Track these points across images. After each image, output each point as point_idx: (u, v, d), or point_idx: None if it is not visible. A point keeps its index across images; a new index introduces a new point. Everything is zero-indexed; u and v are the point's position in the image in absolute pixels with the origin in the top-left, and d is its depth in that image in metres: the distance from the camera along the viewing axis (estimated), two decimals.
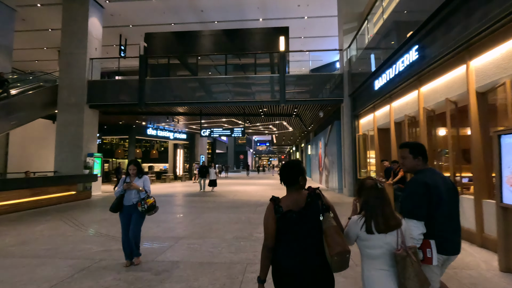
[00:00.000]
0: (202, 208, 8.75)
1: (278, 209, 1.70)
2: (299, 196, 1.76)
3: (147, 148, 25.52)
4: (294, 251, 1.65)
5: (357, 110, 11.21)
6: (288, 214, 1.68)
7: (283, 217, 1.68)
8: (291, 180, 1.79)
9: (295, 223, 1.67)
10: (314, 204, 1.70)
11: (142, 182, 4.14)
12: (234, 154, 53.88)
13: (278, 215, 1.69)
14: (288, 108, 13.63)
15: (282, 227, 1.69)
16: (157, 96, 13.10)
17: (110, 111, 14.40)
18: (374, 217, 1.67)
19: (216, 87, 13.25)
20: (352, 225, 1.78)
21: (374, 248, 1.67)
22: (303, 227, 1.67)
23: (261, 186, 16.79)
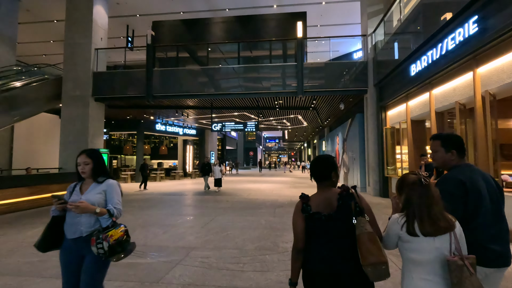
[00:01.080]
0: (214, 209, 7.89)
1: (306, 208, 1.60)
2: (330, 194, 1.62)
3: (156, 144, 24.93)
4: (322, 255, 1.55)
5: (385, 100, 10.11)
6: (316, 216, 1.57)
7: (311, 217, 1.58)
8: (323, 176, 1.67)
9: (323, 225, 1.56)
10: (346, 206, 1.55)
11: (101, 194, 2.17)
12: (243, 150, 53.06)
13: (305, 215, 1.59)
14: (305, 100, 12.61)
15: (310, 228, 1.58)
16: (166, 88, 12.28)
17: (116, 104, 13.69)
18: (418, 218, 1.44)
19: (228, 78, 12.34)
20: (392, 225, 1.55)
21: (419, 253, 1.44)
22: (333, 230, 1.55)
23: (275, 184, 15.86)
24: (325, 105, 13.61)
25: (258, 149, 58.80)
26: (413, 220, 1.45)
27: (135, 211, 7.73)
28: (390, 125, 10.16)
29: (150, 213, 7.43)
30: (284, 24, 13.44)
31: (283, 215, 6.96)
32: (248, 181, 18.49)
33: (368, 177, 11.38)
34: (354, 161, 13.10)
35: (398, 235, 1.50)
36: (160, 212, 7.56)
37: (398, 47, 8.64)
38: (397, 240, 1.52)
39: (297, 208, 1.64)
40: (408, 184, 1.53)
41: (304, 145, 44.74)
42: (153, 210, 7.89)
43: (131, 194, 11.57)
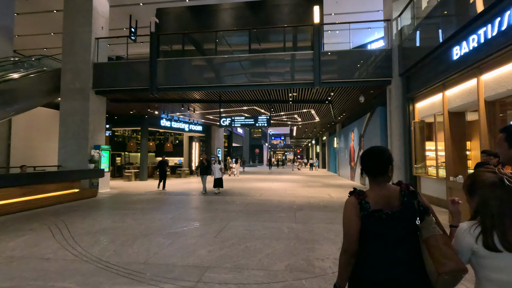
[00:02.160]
0: (225, 213, 7.00)
1: (365, 206, 1.37)
2: (389, 191, 1.41)
3: (161, 141, 24.16)
4: (381, 261, 1.33)
5: (413, 91, 9.08)
6: (376, 214, 1.35)
7: (370, 216, 1.36)
8: (379, 170, 1.44)
9: (384, 225, 1.34)
10: (410, 205, 1.35)
11: None
12: (249, 148, 52.26)
13: (364, 213, 1.36)
14: (322, 92, 11.62)
15: (367, 229, 1.37)
16: (171, 80, 11.40)
17: (118, 98, 12.85)
18: (498, 228, 1.14)
19: (238, 69, 11.40)
20: (462, 236, 1.24)
21: (501, 272, 1.14)
22: (395, 232, 1.34)
23: (286, 183, 14.93)
24: (343, 98, 12.59)
25: (264, 146, 57.92)
26: (491, 231, 1.16)
27: (137, 214, 6.88)
28: (419, 119, 9.13)
29: (154, 217, 6.57)
30: (298, 10, 12.43)
31: (307, 221, 6.03)
32: (257, 179, 17.60)
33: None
34: None
35: (471, 249, 1.22)
36: (165, 216, 6.69)
37: (433, 30, 7.60)
38: (470, 255, 1.24)
39: (351, 205, 1.43)
40: (484, 185, 1.23)
41: (312, 142, 43.67)
42: (158, 213, 7.03)
43: (136, 194, 10.75)
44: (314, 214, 6.74)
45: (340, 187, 12.85)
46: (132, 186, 13.63)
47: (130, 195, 10.52)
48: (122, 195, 10.56)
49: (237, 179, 17.92)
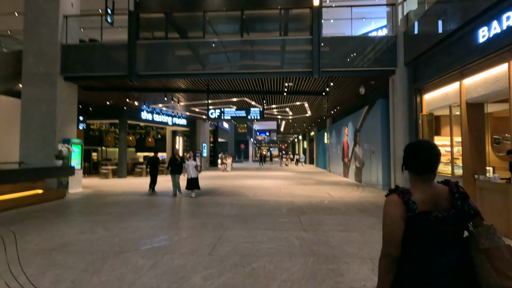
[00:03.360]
0: (218, 218, 5.96)
1: (412, 206, 1.19)
2: (436, 191, 1.25)
3: (142, 136, 22.58)
4: (427, 268, 1.17)
5: (421, 81, 8.35)
6: (424, 216, 1.18)
7: (417, 218, 1.18)
8: (429, 167, 1.25)
9: (431, 229, 1.18)
10: (462, 208, 1.20)
11: None
12: (234, 143, 51.16)
13: (410, 214, 1.19)
14: (320, 83, 10.72)
15: (412, 233, 1.20)
16: (152, 66, 10.12)
17: (92, 85, 11.38)
18: None
19: (229, 55, 10.28)
20: None
21: None
22: (443, 237, 1.18)
23: (278, 181, 14.02)
24: (341, 90, 11.76)
25: (250, 142, 56.96)
26: None
27: (111, 221, 5.70)
28: (428, 111, 8.43)
29: (132, 224, 5.42)
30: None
31: (316, 228, 5.11)
32: (246, 176, 16.59)
33: (394, 174, 9.69)
34: (373, 155, 11.40)
35: None
36: (145, 223, 5.56)
37: (451, 12, 6.83)
38: None
39: (394, 205, 1.22)
40: None
41: (298, 137, 43.13)
42: (136, 219, 5.88)
43: (112, 195, 9.45)
44: (322, 219, 5.83)
45: (336, 185, 12.09)
46: (109, 185, 12.25)
47: (105, 195, 9.22)
48: (96, 196, 9.24)
49: (226, 175, 16.83)
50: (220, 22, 12.02)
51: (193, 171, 8.92)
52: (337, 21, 14.75)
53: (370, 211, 6.65)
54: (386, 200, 1.28)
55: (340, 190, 10.41)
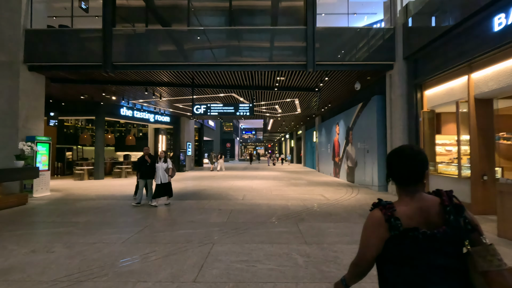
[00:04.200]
0: (205, 228, 5.16)
1: (395, 224, 1.05)
2: (425, 204, 1.09)
3: (122, 133, 21.28)
4: None
5: (422, 77, 7.86)
6: (411, 233, 1.03)
7: (402, 237, 1.04)
8: (412, 177, 1.12)
9: (420, 249, 1.03)
10: (457, 223, 1.04)
11: None
12: (220, 142, 50.18)
13: (394, 233, 1.05)
14: (314, 77, 10.07)
15: (398, 253, 1.05)
16: (130, 55, 9.13)
17: (62, 77, 10.21)
18: None
19: (215, 46, 9.44)
20: None
21: None
22: (433, 258, 1.02)
23: (267, 181, 13.32)
24: (335, 86, 11.17)
25: (236, 141, 56.07)
26: None
27: (75, 234, 4.77)
28: (429, 108, 7.96)
29: (101, 238, 4.53)
30: None
31: (320, 240, 4.41)
32: (233, 176, 15.78)
33: None
34: (367, 154, 10.90)
35: None
36: (117, 236, 4.67)
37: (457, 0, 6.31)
38: None
39: (373, 224, 1.09)
40: None
41: (285, 136, 42.69)
42: (107, 231, 4.98)
43: (84, 199, 8.41)
44: (323, 227, 5.15)
45: (329, 185, 11.52)
46: (83, 187, 11.12)
47: (75, 200, 8.17)
48: (65, 200, 8.18)
49: (213, 176, 15.94)
50: (206, 14, 11.14)
51: (164, 176, 7.40)
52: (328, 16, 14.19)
53: None
54: (368, 215, 1.15)
55: (334, 191, 9.81)
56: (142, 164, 7.54)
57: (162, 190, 7.39)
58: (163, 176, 7.41)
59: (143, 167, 7.50)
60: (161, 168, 7.44)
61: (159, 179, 7.37)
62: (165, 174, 7.43)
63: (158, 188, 7.36)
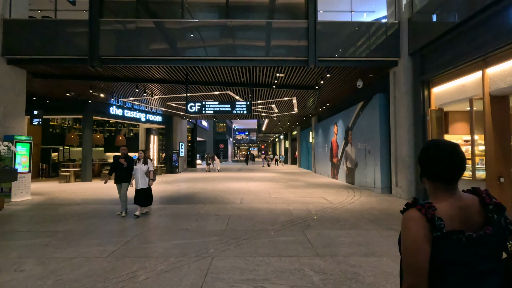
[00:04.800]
0: (201, 237, 4.61)
1: (438, 224, 0.93)
2: (464, 203, 1.00)
3: (112, 133, 20.44)
4: None
5: (431, 73, 7.47)
6: (455, 236, 0.93)
7: (445, 239, 0.93)
8: (454, 174, 1.01)
9: (466, 254, 0.92)
10: (498, 223, 0.96)
11: None
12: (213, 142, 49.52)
13: (437, 234, 0.93)
14: (314, 74, 9.61)
15: (440, 260, 0.93)
16: (119, 48, 8.51)
17: (45, 71, 9.50)
18: None
19: (211, 39, 8.90)
20: None
21: None
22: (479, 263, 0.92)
23: (264, 183, 12.81)
24: (336, 83, 10.75)
25: (229, 141, 55.46)
26: None
27: (52, 246, 4.16)
28: (437, 106, 7.58)
29: (82, 252, 3.93)
30: None
31: (333, 251, 3.91)
32: (229, 178, 15.21)
33: (395, 176, 8.80)
34: (369, 155, 10.49)
35: None
36: (102, 248, 4.08)
37: None
38: None
39: (416, 224, 0.95)
40: None
41: (280, 137, 42.30)
42: (90, 242, 4.38)
43: (67, 204, 7.73)
44: (333, 235, 4.66)
45: (328, 187, 11.07)
46: (68, 191, 10.39)
47: (58, 205, 7.49)
48: (47, 206, 7.49)
49: (208, 177, 15.33)
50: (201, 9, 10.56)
51: (143, 180, 6.33)
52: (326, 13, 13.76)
53: (384, 222, 5.59)
54: (405, 217, 0.99)
55: (336, 194, 9.36)
56: (117, 166, 6.45)
57: (143, 196, 6.29)
58: (142, 180, 6.32)
59: (117, 169, 6.43)
60: (140, 170, 6.34)
61: (138, 184, 6.32)
62: (145, 179, 6.36)
63: (139, 194, 6.30)
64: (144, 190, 6.35)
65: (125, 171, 6.40)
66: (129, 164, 6.43)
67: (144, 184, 6.34)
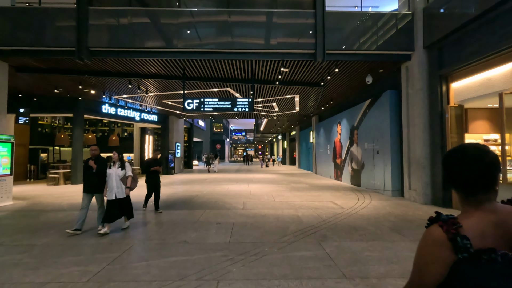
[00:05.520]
0: (202, 254, 3.94)
1: (462, 244, 0.81)
2: (499, 215, 0.85)
3: (105, 133, 19.65)
4: None
5: (451, 66, 6.88)
6: (485, 256, 0.79)
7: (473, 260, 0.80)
8: (481, 181, 0.87)
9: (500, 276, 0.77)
10: None
11: None
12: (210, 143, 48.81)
13: (462, 256, 0.80)
14: (321, 69, 8.99)
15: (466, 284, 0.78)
16: (110, 39, 7.80)
17: (29, 65, 8.73)
18: None
19: (211, 30, 8.23)
20: None
21: None
22: None
23: (265, 185, 12.15)
24: (341, 80, 10.13)
25: (226, 142, 54.77)
26: None
27: (23, 265, 3.45)
28: (456, 103, 7.00)
29: (56, 274, 3.24)
30: None
31: (362, 270, 3.26)
32: (227, 180, 14.52)
33: (408, 178, 8.20)
34: (377, 156, 9.90)
35: None
36: (83, 268, 3.39)
37: None
38: None
39: (434, 244, 0.85)
40: None
41: (277, 137, 41.69)
42: (70, 258, 3.68)
43: (52, 210, 6.98)
44: (355, 248, 4.02)
45: (334, 190, 10.45)
46: (56, 194, 9.63)
47: (41, 212, 6.75)
48: (28, 212, 6.74)
49: (206, 179, 14.62)
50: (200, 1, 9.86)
51: (119, 188, 5.00)
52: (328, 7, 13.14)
53: (407, 230, 4.96)
54: (425, 234, 0.90)
55: (344, 197, 8.74)
56: (86, 171, 5.10)
57: (117, 209, 4.99)
58: (118, 188, 5.00)
59: (86, 175, 5.09)
60: (115, 176, 5.00)
61: (112, 192, 4.97)
62: (121, 186, 5.04)
63: (111, 206, 4.92)
64: (121, 201, 5.03)
65: (97, 177, 5.03)
66: (100, 168, 5.04)
67: (120, 193, 5.02)
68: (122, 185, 5.07)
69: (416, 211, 6.60)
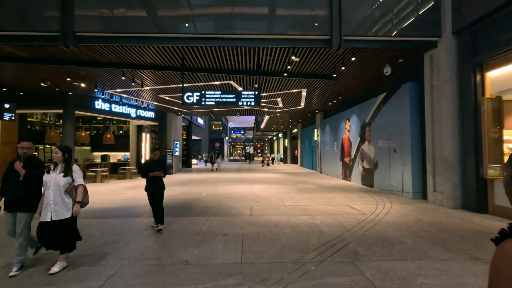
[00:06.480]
0: (209, 277, 3.10)
1: None
2: None
3: (100, 131, 18.72)
4: None
5: (487, 53, 6.04)
6: None
7: None
8: None
9: None
10: None
11: None
12: (209, 141, 47.95)
13: None
14: (336, 58, 8.13)
15: None
16: (99, 23, 6.89)
17: (8, 53, 7.79)
18: None
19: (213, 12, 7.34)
20: None
21: None
22: None
23: (270, 185, 11.30)
24: (358, 71, 9.27)
25: (225, 140, 53.89)
26: None
27: None
28: (493, 94, 6.17)
29: None
30: None
31: None
32: (229, 179, 13.66)
33: (433, 179, 7.38)
34: (394, 154, 9.07)
35: None
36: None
37: None
38: None
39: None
40: None
41: (278, 135, 40.84)
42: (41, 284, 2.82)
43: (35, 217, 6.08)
44: (401, 271, 3.19)
45: (346, 191, 9.62)
46: None
47: None
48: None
49: (206, 179, 13.76)
50: None
51: (59, 204, 3.30)
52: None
53: (453, 244, 4.14)
54: (499, 250, 0.74)
55: (360, 200, 7.91)
56: (8, 177, 3.46)
57: (52, 234, 3.32)
58: (57, 204, 3.29)
59: (7, 184, 3.45)
60: (54, 184, 3.32)
61: (47, 210, 3.27)
62: (64, 201, 3.33)
63: (43, 229, 3.29)
64: (58, 224, 3.29)
65: (23, 187, 3.40)
66: (30, 174, 3.40)
67: (61, 212, 3.29)
68: (65, 200, 3.32)
69: (450, 217, 5.77)
